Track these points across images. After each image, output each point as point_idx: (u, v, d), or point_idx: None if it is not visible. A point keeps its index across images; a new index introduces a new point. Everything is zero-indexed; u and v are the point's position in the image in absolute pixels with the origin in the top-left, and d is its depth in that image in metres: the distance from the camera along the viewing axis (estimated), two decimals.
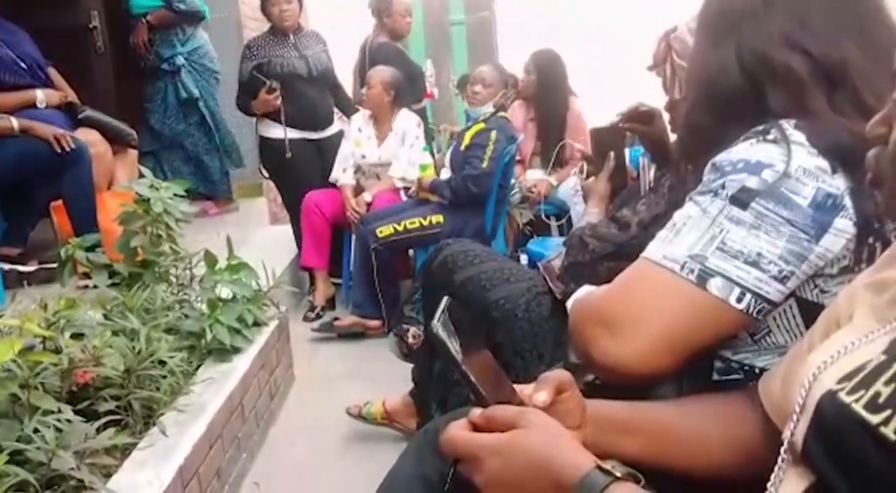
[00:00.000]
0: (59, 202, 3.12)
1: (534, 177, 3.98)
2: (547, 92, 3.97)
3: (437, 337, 0.73)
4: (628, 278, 0.95)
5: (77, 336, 1.92)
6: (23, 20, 3.28)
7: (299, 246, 3.86)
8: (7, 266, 2.94)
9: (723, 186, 0.90)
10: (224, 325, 2.36)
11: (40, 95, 3.10)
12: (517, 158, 3.86)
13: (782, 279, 0.88)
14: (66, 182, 2.92)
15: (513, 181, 3.83)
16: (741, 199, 0.88)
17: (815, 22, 0.95)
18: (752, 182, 0.88)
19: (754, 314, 0.89)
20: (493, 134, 3.43)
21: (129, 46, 4.31)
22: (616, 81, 5.33)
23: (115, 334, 2.02)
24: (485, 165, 3.38)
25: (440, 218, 3.44)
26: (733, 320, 0.90)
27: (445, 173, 3.61)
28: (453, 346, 0.74)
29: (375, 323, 3.43)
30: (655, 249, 0.93)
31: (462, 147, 3.51)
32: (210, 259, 2.56)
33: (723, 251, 0.88)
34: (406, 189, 3.75)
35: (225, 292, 2.52)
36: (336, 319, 3.48)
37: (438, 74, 6.09)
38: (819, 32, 0.94)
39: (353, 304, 3.50)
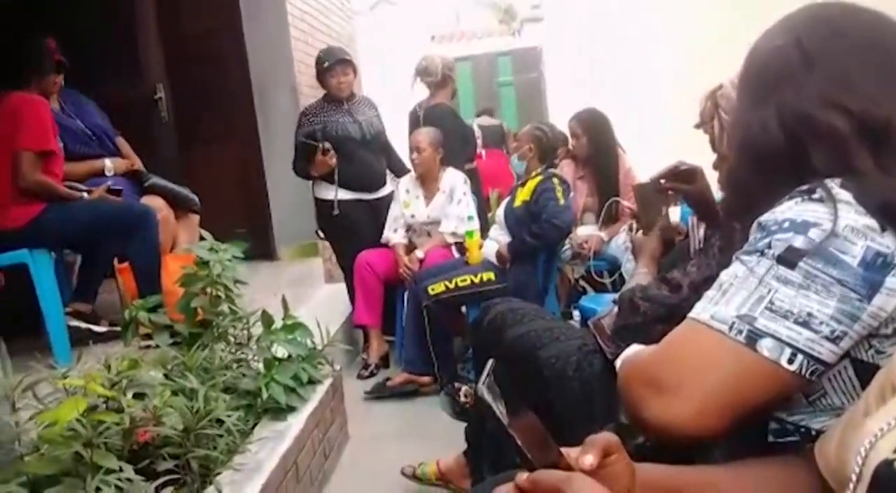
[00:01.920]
0: (125, 264, 3.25)
1: (585, 233, 3.98)
2: (598, 151, 4.00)
3: (483, 400, 0.74)
4: (676, 338, 0.95)
5: (139, 396, 1.97)
6: (92, 92, 3.48)
7: (353, 304, 3.92)
8: (81, 324, 3.05)
9: (769, 246, 0.89)
10: (280, 384, 2.40)
11: (108, 164, 3.26)
12: None
13: (835, 340, 0.86)
14: (134, 245, 3.02)
15: None
16: (788, 258, 0.87)
17: (857, 81, 0.94)
18: (798, 242, 0.87)
19: (807, 376, 0.87)
20: (555, 180, 3.48)
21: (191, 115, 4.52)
22: (665, 136, 5.33)
23: (174, 393, 2.07)
24: (561, 202, 3.42)
25: (492, 275, 3.46)
26: (786, 382, 0.88)
27: (495, 231, 3.64)
28: (499, 409, 0.75)
29: (427, 379, 3.44)
30: (703, 309, 0.93)
31: (516, 203, 3.54)
32: (267, 319, 2.61)
33: (772, 311, 0.87)
34: (458, 245, 3.80)
35: (281, 351, 2.57)
36: (388, 379, 3.50)
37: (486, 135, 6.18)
38: (861, 91, 0.94)
39: (405, 361, 3.52)
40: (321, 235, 4.25)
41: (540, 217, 3.39)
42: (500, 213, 3.64)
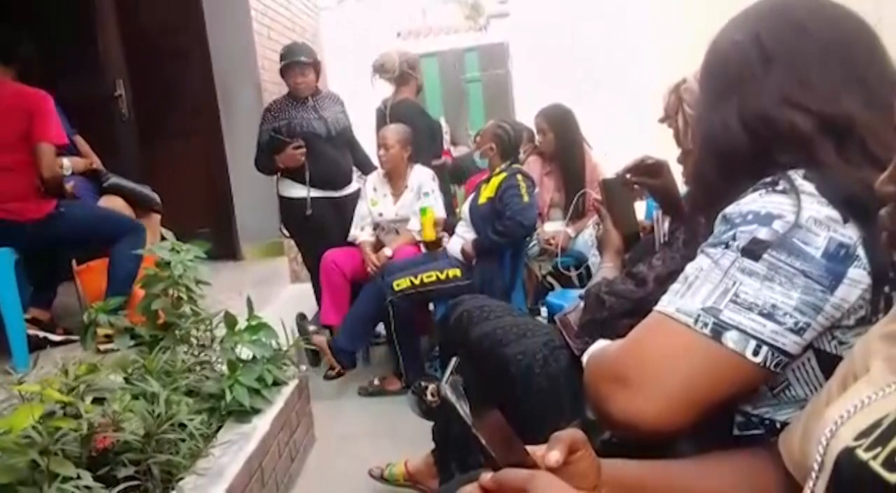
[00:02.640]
0: (84, 266, 3.17)
1: (551, 229, 3.99)
2: (565, 147, 4.01)
3: (446, 399, 0.73)
4: (642, 332, 0.94)
5: (98, 401, 1.93)
6: (50, 90, 3.40)
7: (319, 304, 3.88)
8: (40, 332, 2.98)
9: (734, 238, 0.89)
10: (244, 386, 2.36)
11: (66, 163, 3.18)
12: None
13: (798, 331, 0.86)
14: (120, 248, 2.98)
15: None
16: (753, 250, 0.87)
17: (815, 79, 0.94)
18: (762, 233, 0.87)
19: (772, 367, 0.87)
20: (519, 177, 3.46)
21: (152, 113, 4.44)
22: (631, 132, 5.37)
23: (135, 397, 2.02)
24: (525, 199, 3.40)
25: (457, 272, 3.44)
26: (751, 374, 0.88)
27: (461, 228, 3.63)
28: (462, 408, 0.73)
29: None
30: (668, 302, 0.92)
31: (481, 200, 3.52)
32: (230, 320, 2.57)
33: (737, 304, 0.87)
34: (426, 243, 3.77)
35: (245, 352, 2.53)
36: (384, 378, 3.52)
37: (453, 131, 6.16)
38: (821, 90, 0.94)
39: (336, 347, 3.51)
40: (286, 233, 4.20)
41: (504, 214, 3.39)
42: (465, 209, 3.62)
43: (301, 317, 3.72)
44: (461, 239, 3.55)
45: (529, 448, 0.81)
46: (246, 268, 4.84)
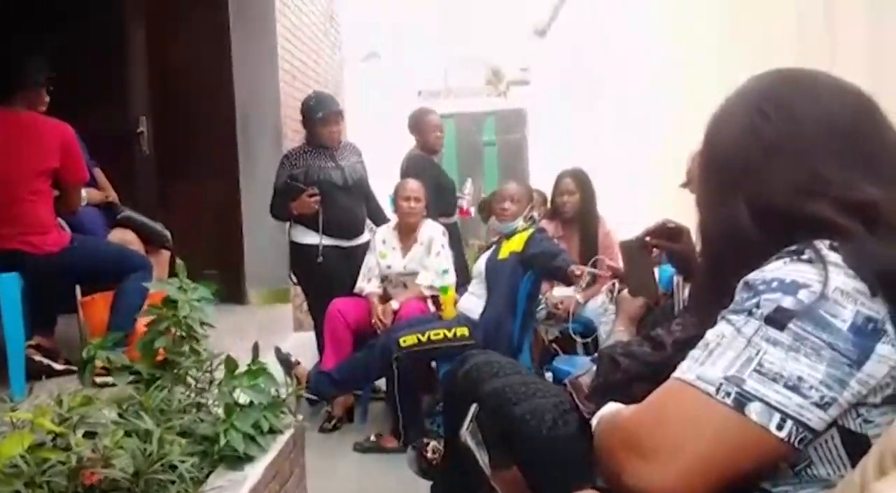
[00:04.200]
0: (89, 298, 3.16)
1: (561, 294, 3.96)
2: (588, 210, 4.03)
3: (466, 446, 0.70)
4: (660, 399, 0.91)
5: (90, 434, 1.88)
6: (75, 123, 3.45)
7: (321, 354, 3.83)
8: (42, 359, 2.95)
9: (757, 305, 0.87)
10: (239, 431, 2.30)
11: (83, 194, 3.20)
12: None
13: (824, 406, 0.83)
14: (129, 283, 2.97)
15: (540, 297, 3.80)
16: (778, 319, 0.85)
17: (825, 166, 0.92)
18: (787, 302, 0.85)
19: (795, 443, 0.83)
20: (547, 233, 3.52)
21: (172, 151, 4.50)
22: (649, 197, 5.39)
23: (128, 434, 1.97)
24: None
25: (465, 330, 3.40)
26: (773, 449, 0.84)
27: (475, 286, 3.61)
28: (482, 457, 0.70)
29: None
30: (688, 369, 0.89)
31: (501, 255, 3.51)
32: (230, 364, 2.53)
33: (761, 374, 0.84)
34: (434, 298, 3.75)
35: (243, 397, 2.48)
36: (380, 435, 3.46)
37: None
38: (832, 177, 0.91)
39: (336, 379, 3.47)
40: (294, 279, 4.18)
41: (553, 254, 3.38)
42: (479, 265, 3.61)
43: (278, 350, 3.68)
44: (473, 296, 3.53)
45: None
46: (250, 313, 4.82)
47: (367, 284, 3.84)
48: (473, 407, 0.75)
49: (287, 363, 3.55)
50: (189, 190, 4.86)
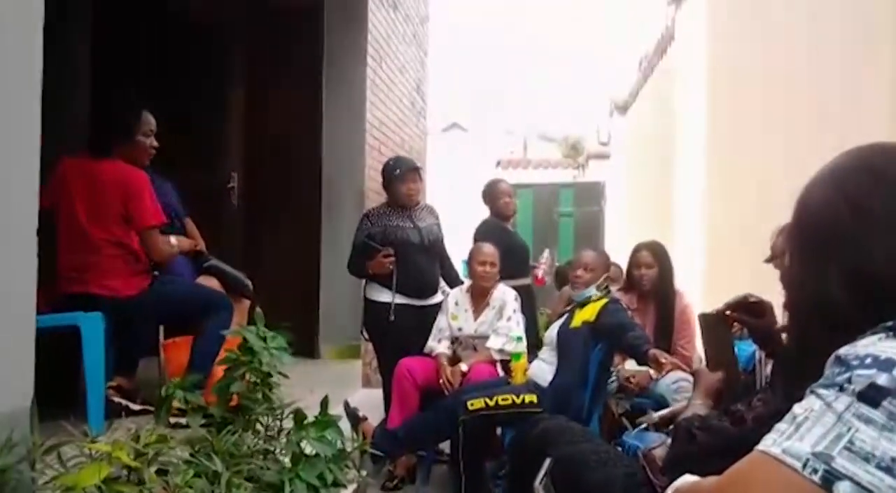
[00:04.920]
0: (171, 341, 3.26)
1: (633, 367, 3.86)
2: (665, 283, 3.96)
3: None
4: (742, 470, 0.88)
5: (162, 472, 1.92)
6: (172, 176, 3.64)
7: (387, 411, 3.83)
8: (122, 400, 3.04)
9: (849, 381, 0.84)
10: (304, 481, 2.31)
11: (173, 240, 3.35)
12: None
13: None
14: (208, 324, 3.05)
15: (611, 370, 3.72)
16: (871, 396, 0.82)
17: None
18: (882, 380, 0.82)
19: None
20: (622, 304, 3.49)
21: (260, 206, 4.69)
22: (724, 273, 5.25)
23: (197, 475, 2.00)
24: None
25: (534, 398, 3.35)
26: None
27: (544, 353, 3.57)
28: None
29: None
30: (774, 442, 0.86)
31: (573, 324, 3.48)
32: (300, 414, 2.56)
33: (852, 452, 0.80)
34: (504, 362, 3.72)
35: (309, 448, 2.49)
36: None
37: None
38: None
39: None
40: (366, 336, 4.23)
41: (626, 327, 3.32)
42: (551, 334, 3.57)
43: (347, 404, 3.68)
44: (544, 363, 3.49)
45: None
46: (321, 367, 4.86)
47: (438, 344, 3.85)
48: (548, 460, 0.74)
49: (354, 418, 3.56)
50: (273, 244, 5.02)
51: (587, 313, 3.44)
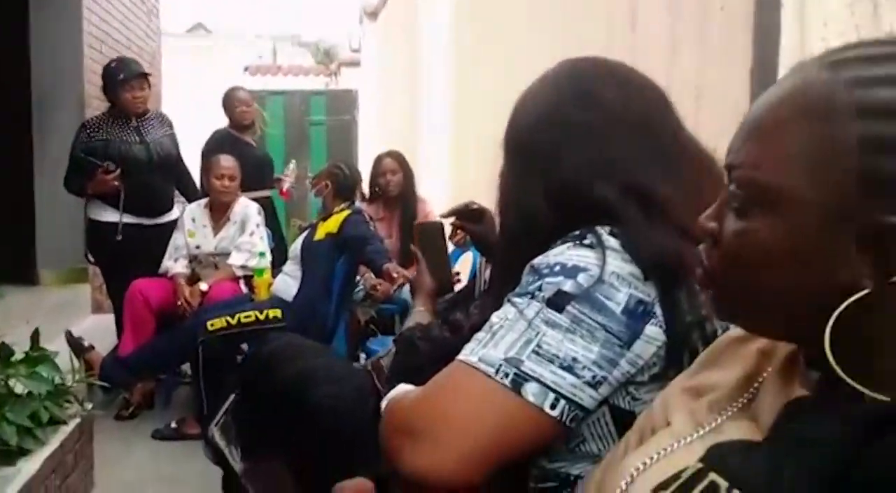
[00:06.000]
0: None
1: None
2: (409, 190, 4.04)
3: (214, 443, 0.64)
4: (440, 381, 0.90)
5: None
6: None
7: (120, 337, 3.57)
8: None
9: (540, 289, 0.88)
10: (12, 423, 2.10)
11: None
12: None
13: (595, 385, 0.86)
14: None
15: (358, 278, 3.77)
16: (557, 302, 0.87)
17: (615, 152, 0.96)
18: (567, 286, 0.87)
19: (567, 422, 0.85)
20: (364, 215, 3.47)
21: None
22: (468, 183, 5.48)
23: None
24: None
25: (278, 312, 3.29)
26: (547, 429, 0.86)
27: (289, 267, 3.51)
28: (232, 454, 0.65)
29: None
30: (471, 351, 0.89)
31: (317, 236, 3.43)
32: (5, 351, 2.29)
33: (539, 355, 0.85)
34: (247, 278, 3.60)
35: (20, 387, 2.26)
36: (183, 419, 3.29)
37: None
38: (624, 166, 0.95)
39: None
40: (91, 259, 3.86)
41: (367, 239, 3.32)
42: (295, 247, 3.51)
43: (69, 333, 3.41)
44: (287, 278, 3.43)
45: None
46: (42, 294, 4.44)
47: (174, 263, 3.60)
48: (230, 398, 0.69)
49: (79, 348, 3.27)
50: None
51: (330, 225, 3.42)
